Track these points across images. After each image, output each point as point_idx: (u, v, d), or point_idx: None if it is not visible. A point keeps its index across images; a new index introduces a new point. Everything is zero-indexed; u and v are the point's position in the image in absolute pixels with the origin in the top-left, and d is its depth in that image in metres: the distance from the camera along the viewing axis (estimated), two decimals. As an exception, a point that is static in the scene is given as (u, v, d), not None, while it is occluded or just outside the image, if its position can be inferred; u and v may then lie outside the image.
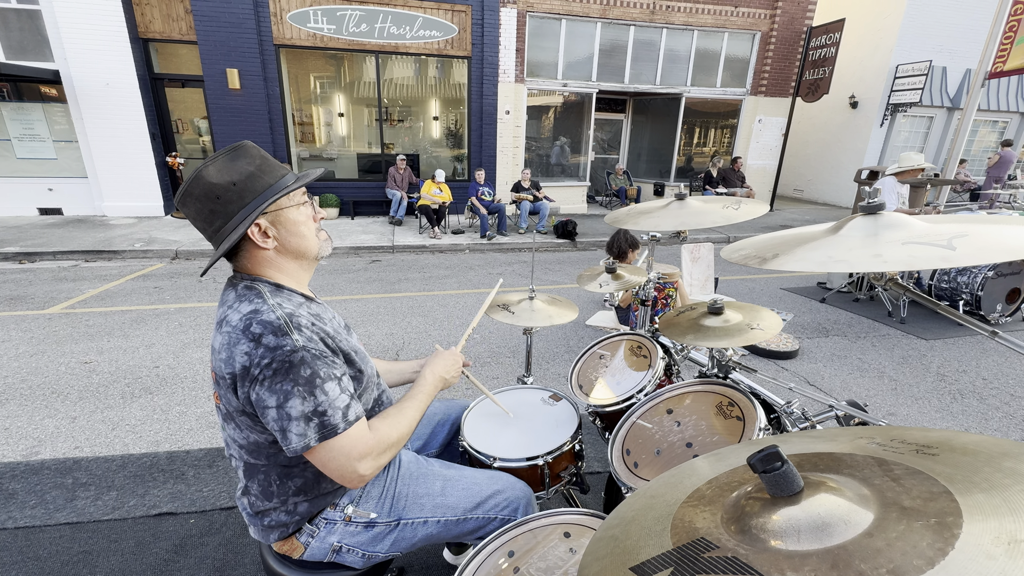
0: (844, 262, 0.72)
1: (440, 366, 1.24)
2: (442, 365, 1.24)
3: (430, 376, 1.21)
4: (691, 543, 0.56)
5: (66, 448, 2.47)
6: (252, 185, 0.98)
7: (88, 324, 4.13)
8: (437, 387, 1.21)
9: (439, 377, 1.22)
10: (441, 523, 1.16)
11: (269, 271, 1.04)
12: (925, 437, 0.61)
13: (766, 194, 11.29)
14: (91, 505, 2.08)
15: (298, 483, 1.05)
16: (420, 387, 1.18)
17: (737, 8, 9.92)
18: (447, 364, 1.25)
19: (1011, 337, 0.73)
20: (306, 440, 0.91)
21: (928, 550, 0.42)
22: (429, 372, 1.22)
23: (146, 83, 8.27)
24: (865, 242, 0.79)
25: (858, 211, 0.88)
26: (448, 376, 1.24)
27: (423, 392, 1.17)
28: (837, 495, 0.52)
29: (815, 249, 0.83)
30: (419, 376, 1.21)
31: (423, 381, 1.19)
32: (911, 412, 2.91)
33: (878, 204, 0.83)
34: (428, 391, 1.18)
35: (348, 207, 9.34)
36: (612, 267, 1.68)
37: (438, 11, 8.84)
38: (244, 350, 0.91)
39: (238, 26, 8.04)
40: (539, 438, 1.41)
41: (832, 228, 0.90)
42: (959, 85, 11.38)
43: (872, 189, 0.84)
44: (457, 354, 1.30)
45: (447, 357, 1.27)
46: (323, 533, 1.09)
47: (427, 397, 1.18)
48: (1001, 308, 4.29)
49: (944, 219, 0.84)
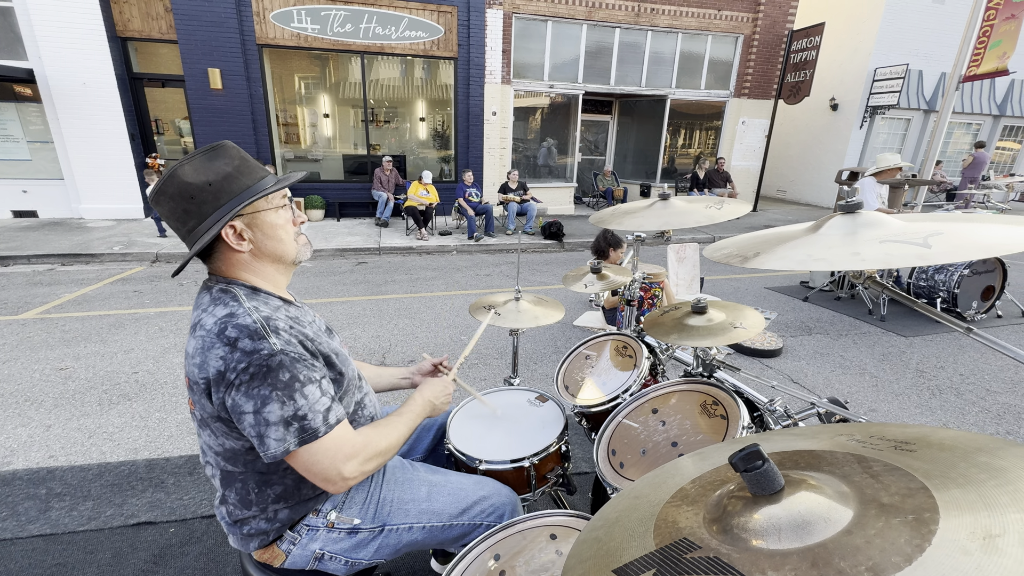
0: (823, 260, 0.73)
1: (431, 392, 1.23)
2: (432, 392, 1.23)
3: (420, 399, 1.20)
4: (673, 544, 0.56)
5: (40, 458, 2.40)
6: (228, 186, 0.96)
7: (64, 329, 4.03)
8: (426, 412, 1.21)
9: (428, 402, 1.21)
10: (426, 529, 1.14)
11: (245, 274, 1.02)
12: (903, 433, 0.62)
13: (750, 195, 11.44)
14: (66, 516, 2.02)
15: (277, 490, 1.03)
16: (410, 407, 1.17)
17: (720, 11, 10.05)
18: (438, 392, 1.24)
19: (985, 333, 0.74)
20: (285, 445, 0.89)
21: (906, 547, 0.42)
22: (420, 396, 1.21)
23: (125, 83, 8.10)
24: (844, 240, 0.80)
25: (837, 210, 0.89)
26: (437, 403, 1.23)
27: (412, 412, 1.17)
28: (817, 493, 0.53)
29: (795, 248, 0.83)
30: (410, 397, 1.21)
31: (413, 403, 1.19)
32: (891, 408, 2.97)
33: (856, 203, 0.84)
34: (417, 412, 1.18)
35: (334, 208, 9.25)
36: (597, 267, 1.68)
37: (423, 12, 8.81)
38: (219, 355, 0.89)
39: (220, 25, 7.92)
40: (525, 440, 1.40)
41: (812, 227, 0.90)
42: (935, 88, 11.66)
43: (851, 189, 0.85)
44: (448, 383, 1.29)
45: (439, 386, 1.26)
46: (305, 540, 1.07)
47: (416, 418, 1.17)
48: (976, 305, 4.39)
49: (920, 218, 0.85)
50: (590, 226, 9.10)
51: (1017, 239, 0.66)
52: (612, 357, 1.53)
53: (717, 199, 1.32)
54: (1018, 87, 12.53)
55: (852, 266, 0.69)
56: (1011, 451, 0.52)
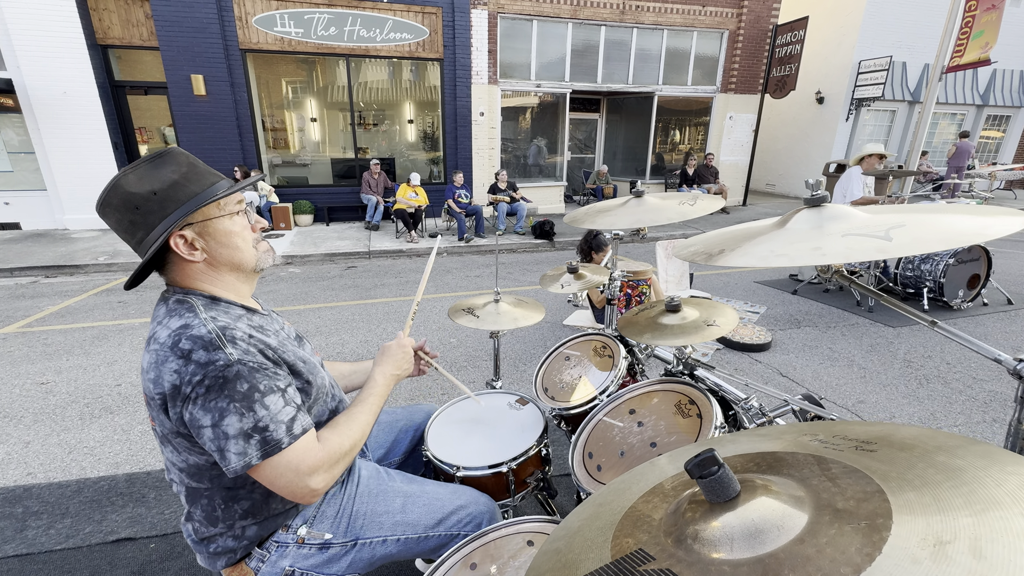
0: (785, 256, 0.71)
1: (388, 363, 1.18)
2: (390, 361, 1.18)
3: (380, 377, 1.15)
4: (629, 555, 0.54)
5: (18, 475, 2.35)
6: (175, 194, 0.93)
7: (46, 343, 3.96)
8: (389, 385, 1.16)
9: (389, 375, 1.17)
10: (401, 541, 1.12)
11: (202, 284, 0.99)
12: (866, 432, 0.60)
13: (739, 189, 11.48)
14: (43, 535, 1.97)
15: (245, 506, 1.00)
16: (370, 389, 1.13)
17: (705, 7, 10.07)
18: (395, 358, 1.19)
19: (948, 326, 0.72)
20: (246, 459, 0.87)
21: (856, 555, 0.40)
22: (378, 372, 1.16)
23: (106, 91, 8.00)
24: (808, 235, 0.78)
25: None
26: (399, 370, 1.19)
27: (374, 394, 1.12)
28: (774, 498, 0.51)
29: (760, 244, 0.81)
30: (369, 378, 1.15)
31: (372, 383, 1.14)
32: (879, 399, 2.97)
33: (820, 196, 0.83)
34: (379, 392, 1.13)
35: (323, 213, 9.19)
36: (574, 267, 1.66)
37: (408, 13, 8.76)
38: (173, 368, 0.86)
39: (202, 31, 7.84)
40: (504, 444, 1.38)
41: (779, 222, 0.89)
42: (919, 79, 11.76)
43: (816, 182, 0.84)
44: (404, 341, 1.23)
45: (394, 350, 1.20)
46: (274, 557, 1.04)
47: (379, 399, 1.12)
48: (963, 294, 4.42)
49: (888, 209, 0.83)
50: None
51: (976, 229, 0.64)
52: (591, 357, 1.52)
53: (690, 195, 1.31)
54: (1000, 77, 12.66)
55: (813, 261, 0.68)
56: (970, 449, 0.50)
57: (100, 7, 7.75)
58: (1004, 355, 0.61)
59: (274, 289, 5.59)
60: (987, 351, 0.64)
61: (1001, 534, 0.38)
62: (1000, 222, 0.65)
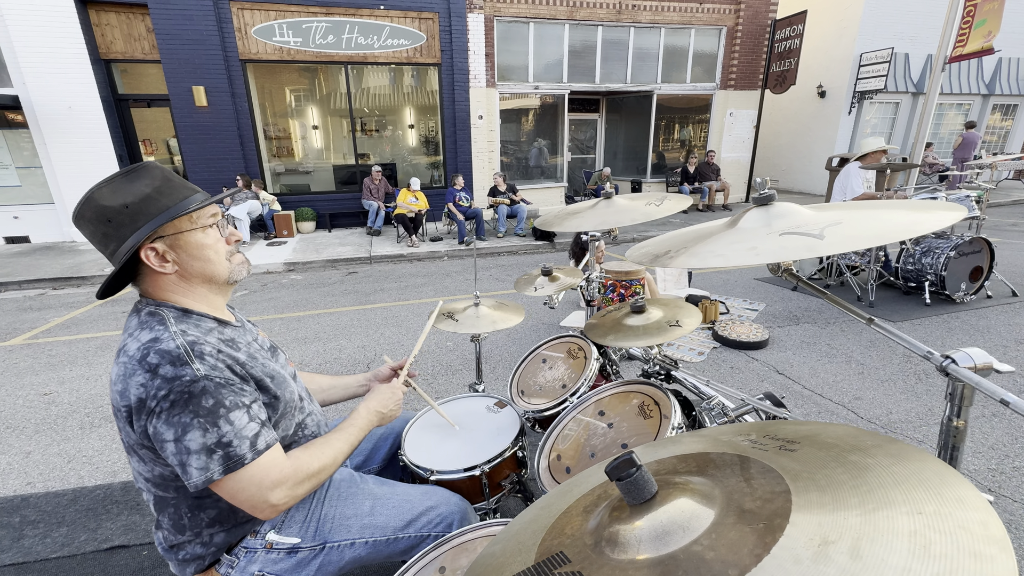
0: (722, 256, 0.71)
1: (376, 401, 1.21)
2: (378, 400, 1.21)
3: (364, 411, 1.18)
4: (549, 559, 0.54)
5: (17, 485, 2.39)
6: (147, 207, 0.95)
7: (50, 354, 4.03)
8: (372, 422, 1.18)
9: (374, 412, 1.19)
10: (370, 544, 1.13)
11: (175, 296, 1.01)
12: (795, 432, 0.60)
13: (741, 186, 11.41)
14: (39, 543, 2.01)
15: (211, 514, 1.02)
16: (352, 421, 1.15)
17: (702, 4, 10.04)
18: (385, 399, 1.22)
19: (885, 324, 0.72)
20: (208, 473, 0.88)
21: (747, 556, 0.40)
22: (364, 407, 1.19)
23: (110, 105, 8.14)
24: (753, 235, 0.78)
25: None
26: (386, 411, 1.21)
27: (355, 426, 1.14)
28: (689, 499, 0.51)
29: (707, 245, 0.81)
30: (354, 410, 1.19)
31: (356, 415, 1.17)
32: (877, 395, 2.94)
33: (768, 196, 0.83)
34: (360, 425, 1.15)
35: (325, 220, 9.26)
36: (548, 269, 1.67)
37: (405, 19, 8.82)
38: (140, 382, 0.88)
39: (202, 43, 7.95)
40: (479, 447, 1.38)
41: (730, 222, 0.89)
42: (922, 70, 11.62)
43: (763, 180, 0.84)
44: (397, 388, 1.27)
45: (386, 392, 1.24)
46: (243, 563, 1.05)
47: (359, 432, 1.15)
48: (965, 287, 4.35)
49: (833, 207, 0.83)
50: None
51: (907, 226, 0.64)
52: (566, 359, 1.52)
53: (658, 196, 1.30)
54: (1006, 66, 12.48)
55: (748, 261, 0.68)
56: (885, 449, 0.50)
57: (103, 22, 7.89)
58: (933, 352, 0.60)
59: (275, 296, 5.64)
60: (917, 348, 0.63)
61: (883, 533, 0.38)
62: (933, 217, 0.65)
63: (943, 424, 0.58)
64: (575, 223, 1.31)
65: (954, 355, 0.59)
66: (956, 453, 0.57)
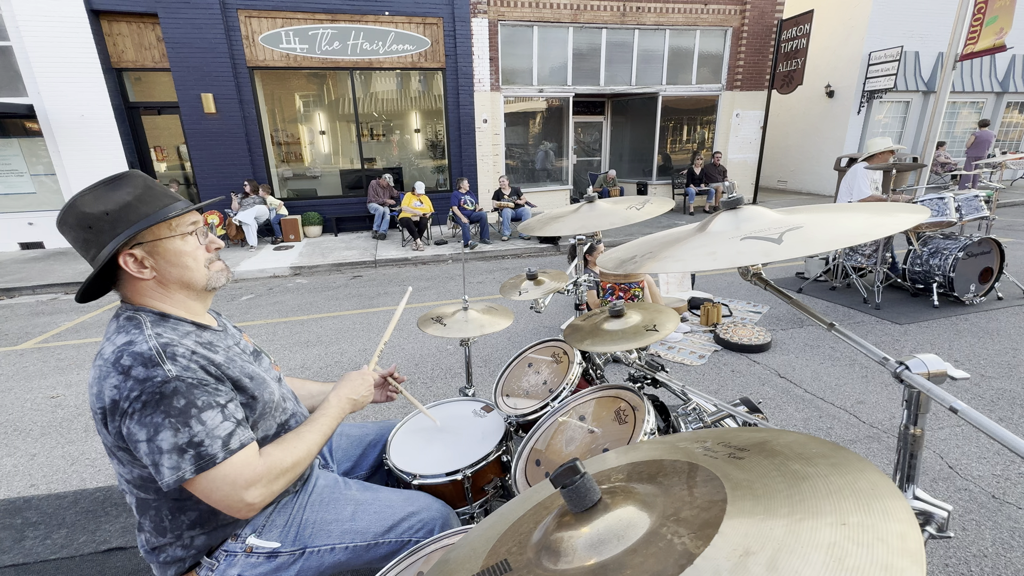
0: (681, 261, 0.71)
1: (346, 388, 1.21)
2: (348, 387, 1.21)
3: (334, 399, 1.18)
4: (493, 566, 0.54)
5: (21, 487, 2.44)
6: (126, 215, 0.97)
7: (59, 358, 4.10)
8: (344, 410, 1.18)
9: (345, 399, 1.19)
10: (350, 549, 1.13)
11: (153, 301, 1.03)
12: (747, 439, 0.59)
13: (748, 187, 11.31)
14: (39, 545, 2.04)
15: (192, 516, 1.03)
16: (323, 410, 1.15)
17: (707, 5, 9.99)
18: (354, 385, 1.22)
19: (846, 331, 0.71)
20: (180, 473, 0.89)
21: (671, 567, 0.40)
22: (334, 395, 1.19)
23: (122, 112, 8.29)
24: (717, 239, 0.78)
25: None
26: (356, 397, 1.21)
27: (326, 416, 1.14)
28: (632, 507, 0.51)
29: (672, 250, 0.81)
30: (325, 400, 1.19)
31: (327, 405, 1.17)
32: (879, 399, 2.89)
33: (735, 199, 0.82)
34: (332, 414, 1.15)
35: (332, 224, 9.33)
36: (533, 273, 1.67)
37: (409, 25, 8.89)
38: (113, 383, 0.89)
39: (210, 51, 8.08)
40: (463, 452, 1.38)
41: (701, 226, 0.88)
42: (932, 69, 11.45)
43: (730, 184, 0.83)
44: (367, 373, 1.28)
45: (355, 378, 1.24)
46: (223, 566, 1.06)
47: (331, 420, 1.15)
48: (975, 288, 4.27)
49: (801, 210, 0.82)
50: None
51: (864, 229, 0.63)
52: (550, 364, 1.52)
53: (639, 200, 1.30)
54: (1019, 63, 12.25)
55: (707, 266, 0.67)
56: (829, 458, 0.49)
57: (114, 32, 8.05)
58: (889, 358, 0.59)
59: (280, 300, 5.69)
60: (874, 353, 0.62)
61: (803, 545, 0.37)
62: (894, 220, 0.64)
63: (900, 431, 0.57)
64: (557, 227, 1.31)
65: (908, 361, 0.58)
66: (914, 461, 0.56)
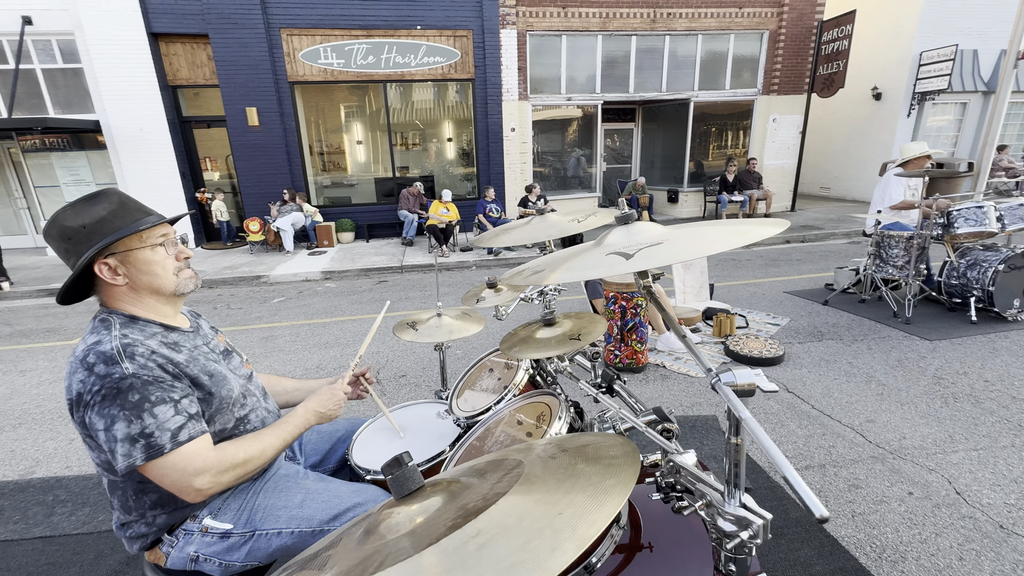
0: (553, 274, 0.75)
1: (315, 402, 1.30)
2: (318, 401, 1.30)
3: (302, 410, 1.28)
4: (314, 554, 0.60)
5: (58, 468, 2.70)
6: (101, 228, 1.10)
7: (106, 352, 4.47)
8: (309, 421, 1.28)
9: (312, 411, 1.28)
10: (295, 534, 1.22)
11: (124, 305, 1.15)
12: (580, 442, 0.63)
13: (787, 193, 10.90)
14: (65, 520, 2.26)
15: (153, 497, 1.14)
16: (288, 418, 1.25)
17: (742, 8, 9.76)
18: (324, 400, 1.31)
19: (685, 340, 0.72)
20: (131, 460, 1.00)
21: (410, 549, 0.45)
22: (303, 407, 1.29)
23: (175, 126, 8.95)
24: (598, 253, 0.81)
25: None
26: (323, 410, 1.30)
27: (289, 423, 1.24)
28: (439, 497, 0.56)
29: (562, 263, 0.85)
30: (294, 409, 1.29)
31: (293, 414, 1.27)
32: (892, 418, 2.75)
33: (628, 215, 0.85)
34: (296, 423, 1.25)
35: (364, 230, 9.69)
36: (493, 282, 1.72)
37: (440, 38, 9.17)
38: (79, 378, 1.02)
39: (255, 68, 8.61)
40: (418, 451, 1.45)
41: (598, 240, 0.92)
42: (993, 68, 10.70)
43: (622, 200, 0.86)
44: (338, 389, 1.35)
45: (326, 393, 1.33)
46: (181, 543, 1.17)
47: (293, 429, 1.24)
48: (1019, 304, 3.97)
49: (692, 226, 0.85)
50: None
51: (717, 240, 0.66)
52: (502, 369, 1.56)
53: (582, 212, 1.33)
54: (1097, 58, 11.23)
55: (564, 279, 0.71)
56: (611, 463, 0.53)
57: (170, 52, 8.73)
58: (711, 368, 0.61)
59: (307, 303, 5.97)
60: (703, 363, 0.64)
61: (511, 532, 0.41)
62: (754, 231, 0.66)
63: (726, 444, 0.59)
64: (508, 239, 1.37)
65: (722, 374, 0.59)
66: (737, 469, 0.58)
